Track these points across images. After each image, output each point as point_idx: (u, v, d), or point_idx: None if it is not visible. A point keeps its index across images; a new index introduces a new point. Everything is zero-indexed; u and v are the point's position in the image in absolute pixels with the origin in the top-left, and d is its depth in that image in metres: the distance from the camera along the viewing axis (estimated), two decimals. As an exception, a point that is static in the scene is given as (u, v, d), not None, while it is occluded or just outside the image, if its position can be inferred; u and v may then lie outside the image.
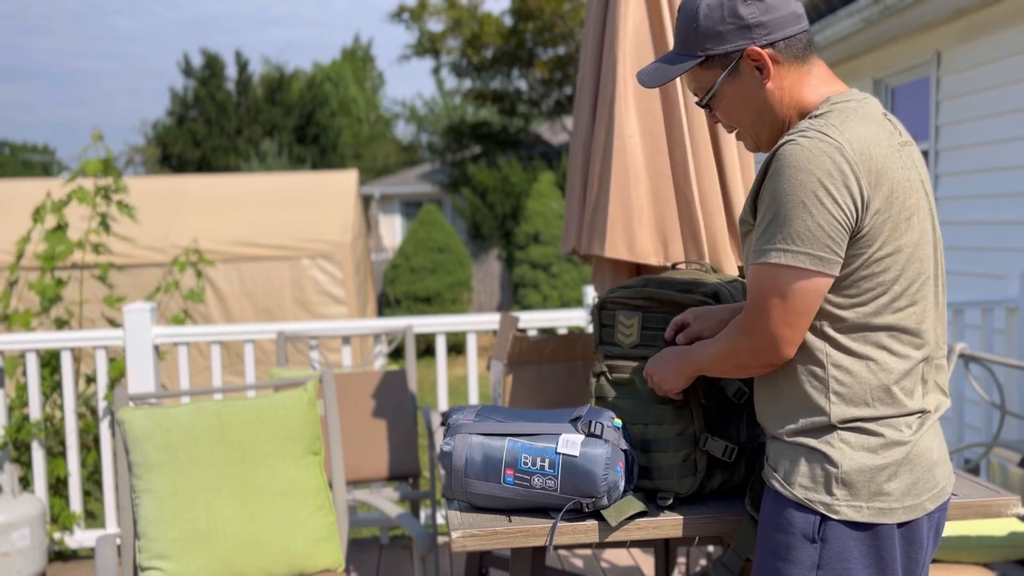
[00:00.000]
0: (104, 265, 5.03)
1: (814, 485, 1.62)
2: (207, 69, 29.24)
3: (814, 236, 1.54)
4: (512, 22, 17.78)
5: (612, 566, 3.84)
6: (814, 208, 1.53)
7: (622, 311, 2.06)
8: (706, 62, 1.72)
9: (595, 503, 1.84)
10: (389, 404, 3.75)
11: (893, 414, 1.61)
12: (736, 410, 1.98)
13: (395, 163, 32.09)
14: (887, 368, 1.61)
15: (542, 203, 14.12)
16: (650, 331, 2.01)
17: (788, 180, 1.55)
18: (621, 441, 1.88)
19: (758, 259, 1.59)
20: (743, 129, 1.76)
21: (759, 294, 1.60)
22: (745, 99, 1.71)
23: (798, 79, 1.69)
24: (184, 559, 2.40)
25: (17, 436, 4.07)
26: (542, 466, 1.85)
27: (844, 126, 1.58)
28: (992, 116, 5.42)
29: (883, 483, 1.60)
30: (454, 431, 1.94)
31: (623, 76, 2.59)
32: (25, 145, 44.11)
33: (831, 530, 1.60)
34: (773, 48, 1.67)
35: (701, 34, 1.70)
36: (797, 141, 1.57)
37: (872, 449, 1.61)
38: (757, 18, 1.66)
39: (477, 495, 1.91)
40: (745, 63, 1.69)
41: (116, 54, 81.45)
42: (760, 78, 1.69)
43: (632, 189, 2.58)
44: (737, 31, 1.67)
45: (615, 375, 2.04)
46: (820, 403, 1.63)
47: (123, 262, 7.65)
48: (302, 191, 9.84)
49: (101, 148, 4.94)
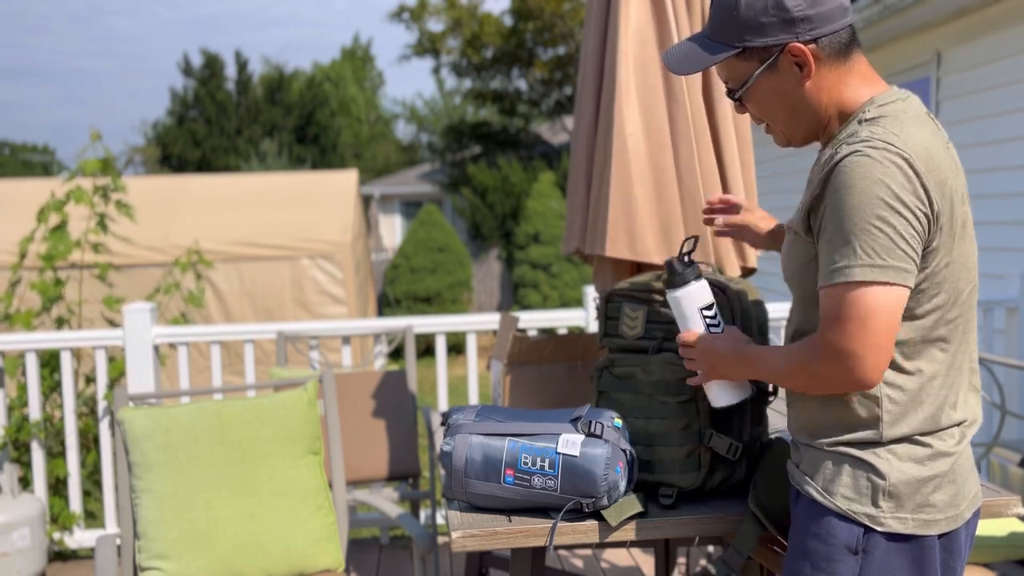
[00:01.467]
0: (103, 265, 5.02)
1: (858, 496, 1.57)
2: (207, 69, 29.24)
3: (897, 248, 1.47)
4: (512, 22, 17.78)
5: (612, 566, 3.84)
6: (893, 219, 1.46)
7: (628, 303, 2.06)
8: (743, 53, 1.62)
9: (595, 503, 1.84)
10: (389, 404, 3.74)
11: (941, 427, 1.58)
12: (740, 407, 1.97)
13: (395, 163, 32.09)
14: (937, 380, 1.57)
15: (542, 203, 14.12)
16: (654, 324, 2.02)
17: (861, 193, 1.46)
18: (621, 441, 1.88)
19: (838, 279, 1.49)
20: (774, 125, 1.69)
21: (844, 315, 1.49)
22: (781, 96, 1.63)
23: (839, 78, 1.61)
24: (184, 559, 2.40)
25: (17, 436, 4.07)
26: (542, 466, 1.85)
27: (904, 133, 1.51)
28: (992, 116, 5.42)
29: (929, 495, 1.56)
30: (454, 431, 1.94)
31: (624, 74, 2.58)
32: (25, 145, 44.09)
33: (874, 542, 1.56)
34: (816, 44, 1.58)
35: (741, 23, 1.60)
36: (863, 151, 1.48)
37: (919, 460, 1.57)
38: (803, 11, 1.57)
39: (477, 495, 1.90)
40: (785, 58, 1.60)
41: (116, 54, 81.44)
42: (799, 75, 1.60)
43: (634, 188, 2.56)
44: (780, 24, 1.57)
45: (618, 369, 2.04)
46: (870, 420, 1.58)
47: (123, 262, 7.65)
48: (302, 191, 9.83)
49: (100, 148, 4.94)
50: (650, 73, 2.60)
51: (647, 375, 1.99)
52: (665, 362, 1.98)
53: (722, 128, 2.66)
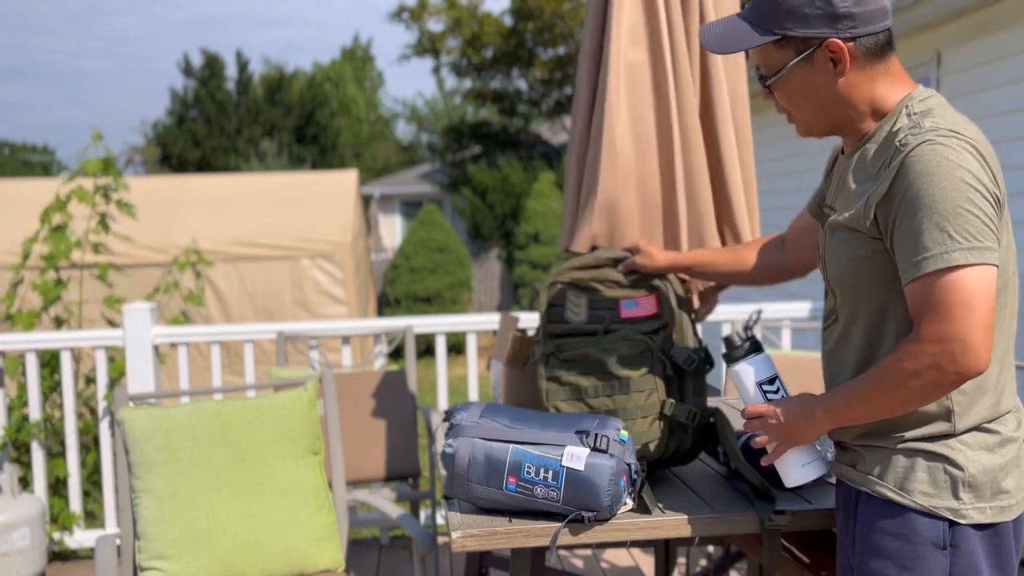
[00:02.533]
0: (103, 265, 5.02)
1: (936, 491, 1.56)
2: (207, 69, 29.25)
3: (987, 228, 1.47)
4: (512, 22, 17.78)
5: (612, 566, 3.84)
6: (979, 201, 1.47)
7: (571, 290, 2.18)
8: (781, 41, 1.62)
9: (597, 515, 1.83)
10: (389, 404, 3.74)
11: (1001, 412, 1.59)
12: (681, 379, 2.08)
13: (395, 163, 32.10)
14: (995, 366, 1.58)
15: (542, 203, 14.13)
16: (597, 310, 2.14)
17: (944, 179, 1.47)
18: (626, 455, 1.86)
19: (933, 266, 1.47)
20: (798, 115, 1.68)
21: (947, 302, 1.46)
22: (811, 89, 1.63)
23: (872, 78, 1.61)
24: (184, 559, 2.40)
25: (17, 436, 4.07)
26: (545, 477, 1.84)
27: (960, 124, 1.53)
28: (992, 116, 5.42)
29: (1002, 481, 1.57)
30: (457, 432, 1.92)
31: (615, 76, 2.60)
32: (25, 145, 44.09)
33: (961, 535, 1.55)
34: (855, 43, 1.58)
35: (784, 11, 1.59)
36: (935, 140, 1.49)
37: (990, 448, 1.57)
38: (848, 8, 1.57)
39: (478, 498, 1.90)
40: (821, 52, 1.59)
41: (116, 54, 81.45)
42: (832, 71, 1.60)
43: (619, 188, 2.60)
44: (824, 17, 1.57)
45: (567, 353, 2.13)
46: (941, 413, 1.57)
47: (123, 262, 7.64)
48: (302, 191, 9.83)
49: (100, 148, 4.94)
50: (640, 75, 2.62)
51: (606, 353, 2.08)
52: (622, 338, 2.08)
53: (721, 128, 2.66)
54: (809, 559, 2.29)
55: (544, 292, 2.20)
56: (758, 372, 1.80)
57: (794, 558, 2.30)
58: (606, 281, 2.17)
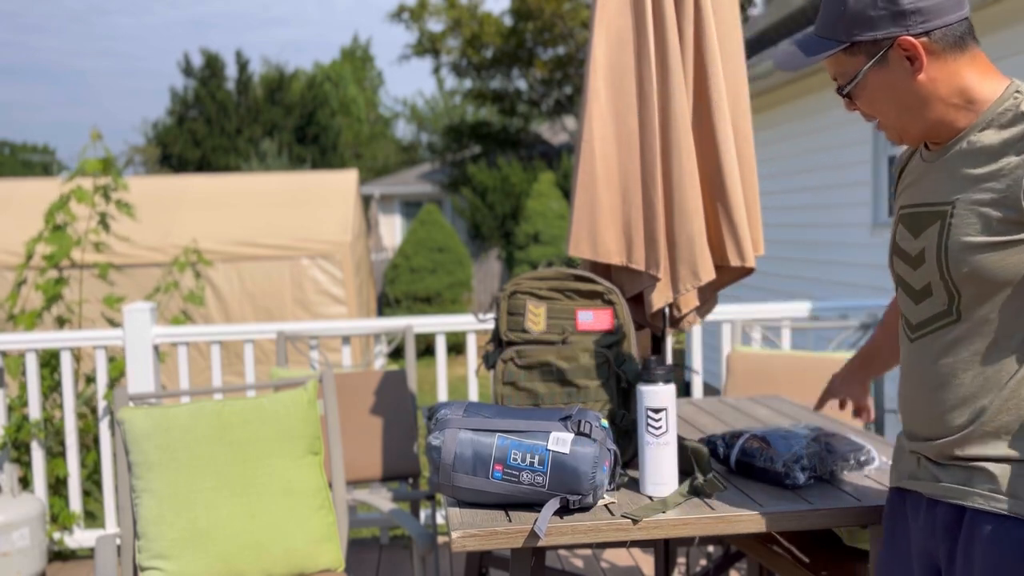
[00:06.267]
0: (104, 265, 5.03)
1: None
2: (207, 69, 29.26)
3: None
4: (512, 22, 17.80)
5: (612, 566, 3.84)
6: None
7: (530, 299, 2.23)
8: (851, 48, 1.57)
9: (581, 500, 1.87)
10: (389, 404, 3.75)
11: None
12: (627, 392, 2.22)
13: (395, 163, 32.13)
14: None
15: (542, 203, 14.14)
16: (555, 320, 2.21)
17: None
18: (607, 441, 1.92)
19: None
20: (886, 120, 1.62)
21: None
22: (891, 91, 1.57)
23: (956, 70, 1.54)
24: (184, 559, 2.40)
25: (17, 436, 4.07)
26: (531, 463, 1.88)
27: None
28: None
29: None
30: (442, 425, 1.96)
31: (596, 79, 2.62)
32: (25, 145, 44.13)
33: None
34: (928, 37, 1.52)
35: (849, 17, 1.55)
36: None
37: None
38: (914, 4, 1.51)
39: (462, 489, 1.93)
40: (895, 52, 1.54)
41: (116, 54, 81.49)
42: (910, 69, 1.54)
43: (600, 190, 2.61)
44: (890, 17, 1.52)
45: (525, 359, 2.19)
46: None
47: (123, 262, 7.65)
48: (302, 191, 9.83)
49: (100, 148, 4.95)
50: (625, 79, 2.64)
51: (566, 361, 2.17)
52: (582, 348, 2.17)
53: (720, 128, 2.66)
54: (809, 559, 2.29)
55: (504, 300, 2.27)
56: (651, 399, 1.95)
57: (794, 558, 2.30)
58: (565, 291, 2.25)
